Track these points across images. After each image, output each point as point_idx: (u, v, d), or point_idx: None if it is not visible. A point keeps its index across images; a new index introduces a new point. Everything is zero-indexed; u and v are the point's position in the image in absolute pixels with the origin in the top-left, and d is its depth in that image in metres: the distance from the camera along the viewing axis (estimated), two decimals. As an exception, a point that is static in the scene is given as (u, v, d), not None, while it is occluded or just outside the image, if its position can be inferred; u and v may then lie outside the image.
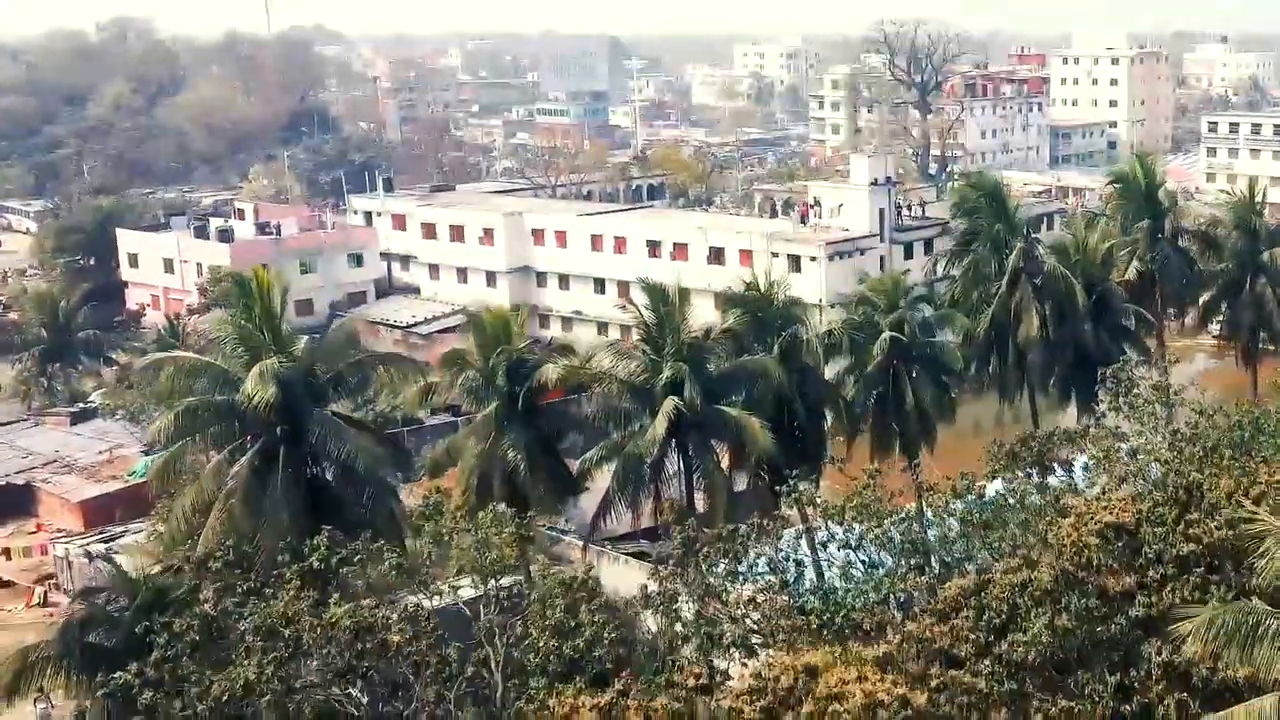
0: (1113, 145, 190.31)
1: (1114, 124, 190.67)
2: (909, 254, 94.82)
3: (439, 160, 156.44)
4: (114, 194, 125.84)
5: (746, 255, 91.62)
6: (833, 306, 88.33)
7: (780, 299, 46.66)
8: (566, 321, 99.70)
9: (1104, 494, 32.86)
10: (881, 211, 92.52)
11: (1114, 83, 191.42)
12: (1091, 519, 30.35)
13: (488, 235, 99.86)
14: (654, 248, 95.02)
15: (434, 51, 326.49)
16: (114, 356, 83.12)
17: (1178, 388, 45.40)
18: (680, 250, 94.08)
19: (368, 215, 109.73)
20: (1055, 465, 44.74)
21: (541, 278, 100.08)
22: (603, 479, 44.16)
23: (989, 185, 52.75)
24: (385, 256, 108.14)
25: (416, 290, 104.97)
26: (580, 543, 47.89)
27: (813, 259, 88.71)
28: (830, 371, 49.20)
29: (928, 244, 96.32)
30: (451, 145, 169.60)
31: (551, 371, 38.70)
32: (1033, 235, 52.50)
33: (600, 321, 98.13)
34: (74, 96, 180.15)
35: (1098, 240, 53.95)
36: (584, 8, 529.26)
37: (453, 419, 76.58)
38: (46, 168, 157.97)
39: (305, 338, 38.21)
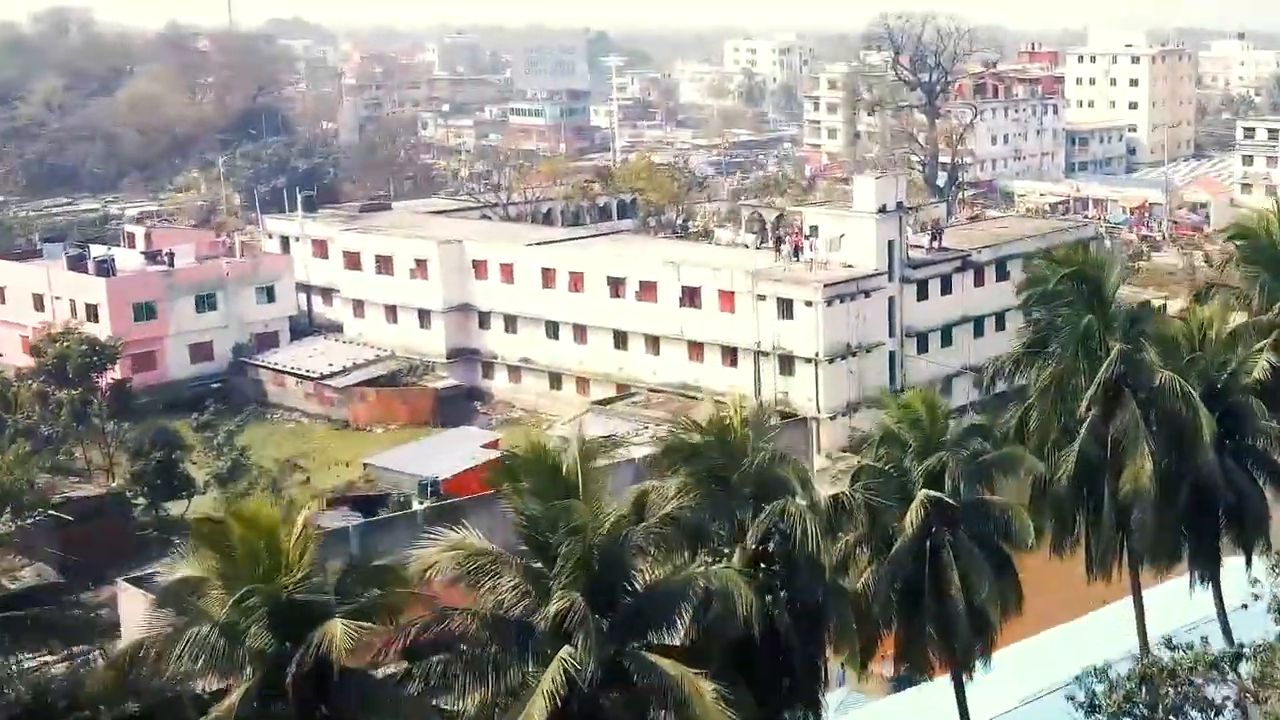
0: (1132, 150, 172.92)
1: (1133, 127, 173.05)
2: (923, 294, 77.49)
3: (395, 167, 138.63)
4: (11, 206, 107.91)
5: (727, 297, 74.22)
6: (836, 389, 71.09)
7: (756, 453, 28.87)
8: (513, 370, 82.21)
9: None
10: (891, 244, 75.02)
11: (1134, 83, 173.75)
12: None
13: (420, 267, 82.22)
14: (616, 286, 77.51)
15: (413, 46, 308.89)
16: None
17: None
18: (647, 290, 76.53)
19: (284, 240, 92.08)
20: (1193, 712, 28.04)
21: (484, 318, 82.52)
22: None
23: (1075, 261, 34.98)
24: (304, 289, 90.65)
25: (339, 329, 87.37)
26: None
27: (807, 303, 71.23)
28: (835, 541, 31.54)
29: (945, 282, 78.94)
30: (410, 149, 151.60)
31: (339, 632, 21.03)
32: (1140, 327, 34.34)
33: (553, 371, 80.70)
34: (3, 94, 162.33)
35: (1217, 325, 36.22)
36: (574, 0, 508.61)
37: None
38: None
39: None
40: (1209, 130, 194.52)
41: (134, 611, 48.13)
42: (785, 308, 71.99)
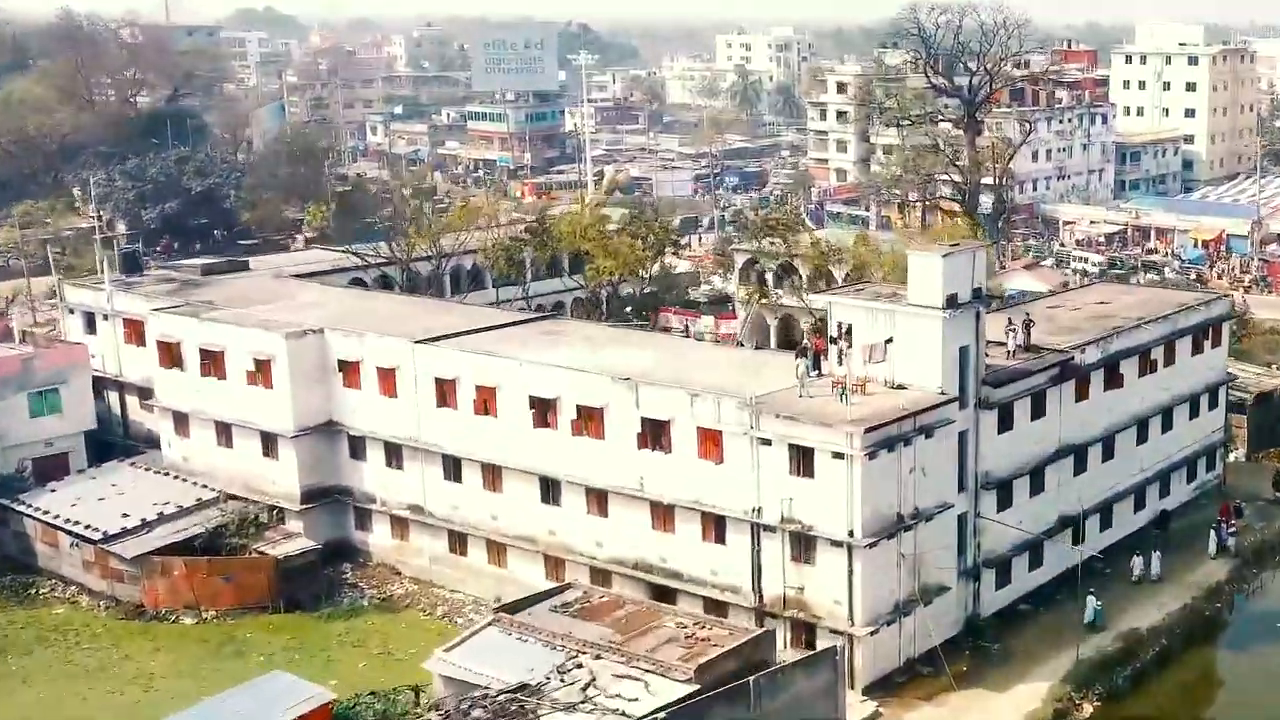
0: (1188, 165, 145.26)
1: (1189, 138, 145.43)
2: (1006, 421, 50.16)
3: (312, 188, 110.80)
4: None
5: (711, 438, 46.74)
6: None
7: None
8: (398, 522, 54.75)
9: None
10: (964, 353, 47.61)
11: (1190, 87, 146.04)
12: None
13: (262, 369, 54.53)
14: (545, 410, 49.91)
15: (382, 39, 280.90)
16: None
17: None
18: (591, 419, 48.97)
19: (89, 317, 64.24)
20: None
21: (357, 446, 54.99)
22: None
23: None
24: (117, 386, 63.19)
25: (158, 447, 59.73)
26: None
27: (837, 455, 43.64)
28: None
29: (1037, 400, 51.55)
30: (334, 164, 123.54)
31: None
32: None
33: (454, 529, 53.24)
34: None
35: None
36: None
37: None
38: None
39: None
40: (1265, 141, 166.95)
41: None
42: (802, 459, 44.54)
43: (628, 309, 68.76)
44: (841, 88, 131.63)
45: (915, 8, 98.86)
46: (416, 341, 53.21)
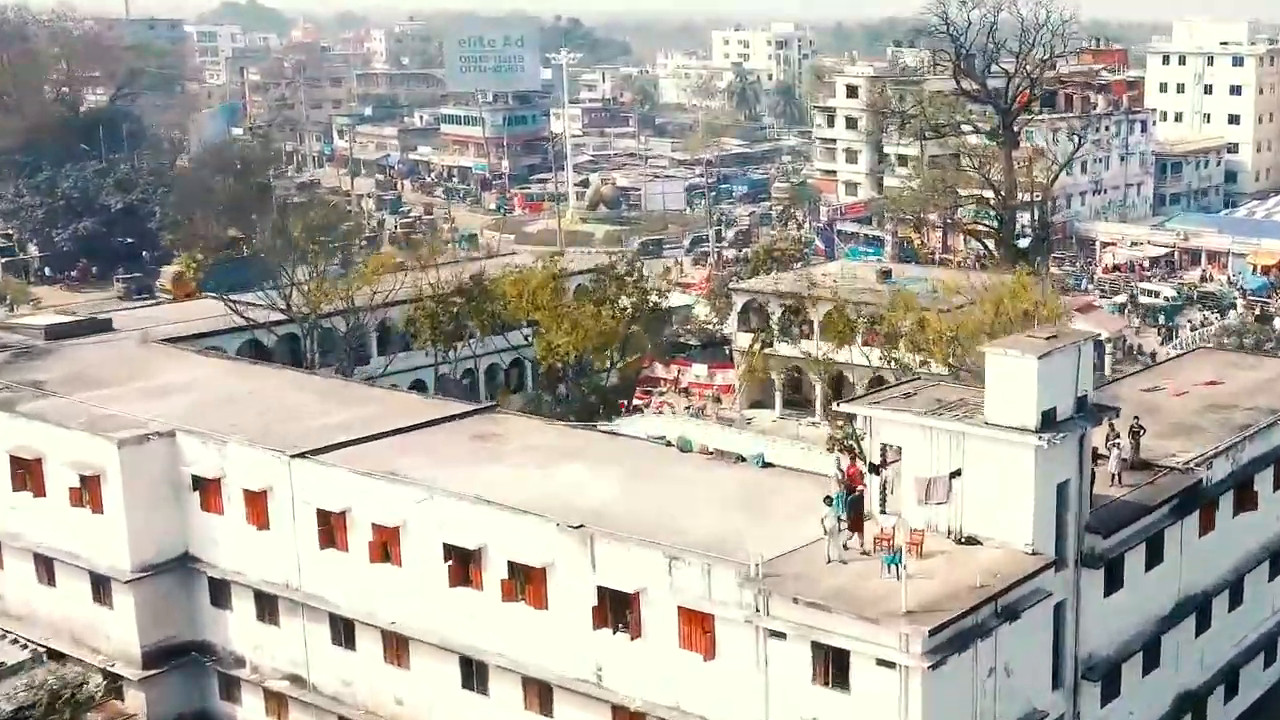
0: (1231, 177, 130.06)
1: (1233, 147, 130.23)
2: (1114, 580, 35.00)
3: (248, 205, 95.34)
4: None
5: (699, 623, 31.47)
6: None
7: None
8: (274, 698, 39.52)
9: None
10: (1063, 491, 32.50)
11: (1235, 90, 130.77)
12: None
13: (90, 486, 39.33)
14: (466, 563, 34.74)
15: (364, 34, 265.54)
16: None
17: None
18: (529, 581, 33.78)
19: (-110, 398, 48.95)
20: None
21: (219, 591, 39.85)
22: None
23: None
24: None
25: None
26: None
27: (884, 664, 28.49)
28: None
29: (1153, 544, 36.43)
30: (280, 174, 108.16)
31: None
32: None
33: (345, 715, 38.09)
34: None
35: None
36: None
37: None
38: None
39: None
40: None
41: None
42: (831, 664, 29.56)
43: (593, 396, 53.51)
44: (852, 91, 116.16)
45: (944, 0, 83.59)
46: (293, 455, 37.94)
